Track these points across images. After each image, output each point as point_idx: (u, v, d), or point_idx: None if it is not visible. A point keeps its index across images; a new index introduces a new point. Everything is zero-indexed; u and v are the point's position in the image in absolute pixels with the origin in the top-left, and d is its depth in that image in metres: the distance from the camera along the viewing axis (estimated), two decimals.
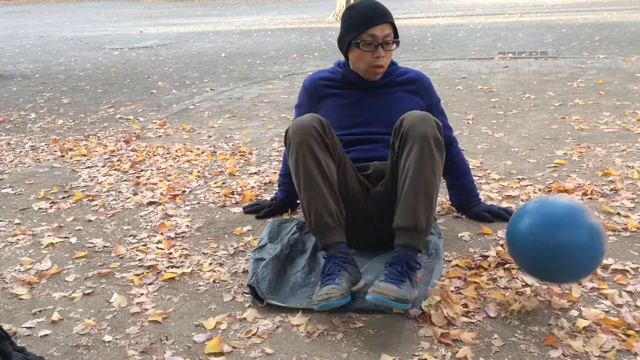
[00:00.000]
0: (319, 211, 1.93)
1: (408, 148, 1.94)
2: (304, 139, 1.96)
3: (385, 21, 2.16)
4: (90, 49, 10.13)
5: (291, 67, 7.24)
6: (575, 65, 6.21)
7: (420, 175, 1.90)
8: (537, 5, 15.43)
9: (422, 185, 1.90)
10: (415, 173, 1.90)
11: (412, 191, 1.90)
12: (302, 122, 1.98)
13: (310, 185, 1.94)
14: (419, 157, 1.91)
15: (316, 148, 1.96)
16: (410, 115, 1.97)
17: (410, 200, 1.89)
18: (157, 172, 3.36)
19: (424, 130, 1.92)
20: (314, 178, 1.94)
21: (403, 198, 1.92)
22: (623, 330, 1.71)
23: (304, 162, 1.95)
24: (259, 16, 16.30)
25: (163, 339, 1.79)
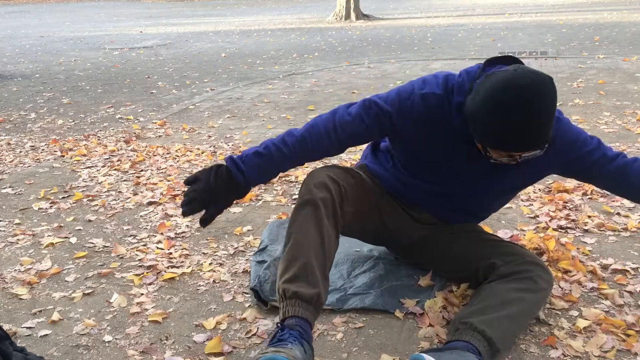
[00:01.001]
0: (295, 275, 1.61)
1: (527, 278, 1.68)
2: (315, 197, 1.66)
3: (535, 148, 1.53)
4: (90, 49, 10.13)
5: (291, 67, 7.24)
6: (575, 65, 6.21)
7: (526, 305, 1.63)
8: (537, 5, 15.43)
9: (524, 315, 1.63)
10: (524, 297, 1.63)
11: (513, 308, 1.60)
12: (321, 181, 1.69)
13: (298, 244, 1.64)
14: (535, 294, 1.66)
15: (322, 213, 1.66)
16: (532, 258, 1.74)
17: (511, 321, 1.59)
18: (157, 172, 3.36)
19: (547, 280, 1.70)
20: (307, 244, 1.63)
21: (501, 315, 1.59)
22: (623, 330, 1.71)
23: (302, 222, 1.65)
24: (259, 16, 16.30)
25: (163, 339, 1.79)
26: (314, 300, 1.58)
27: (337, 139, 1.74)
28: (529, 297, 1.65)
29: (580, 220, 2.44)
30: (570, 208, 2.58)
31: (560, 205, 2.59)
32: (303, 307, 1.56)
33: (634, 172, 1.71)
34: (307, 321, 1.56)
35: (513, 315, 1.61)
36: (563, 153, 1.72)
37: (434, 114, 1.69)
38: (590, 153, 1.73)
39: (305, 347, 1.49)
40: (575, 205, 2.59)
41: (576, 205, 2.60)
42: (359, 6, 14.31)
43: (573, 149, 1.72)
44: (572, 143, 1.72)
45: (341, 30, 11.68)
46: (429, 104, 1.69)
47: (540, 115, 1.47)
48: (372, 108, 1.73)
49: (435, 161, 1.77)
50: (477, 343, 1.54)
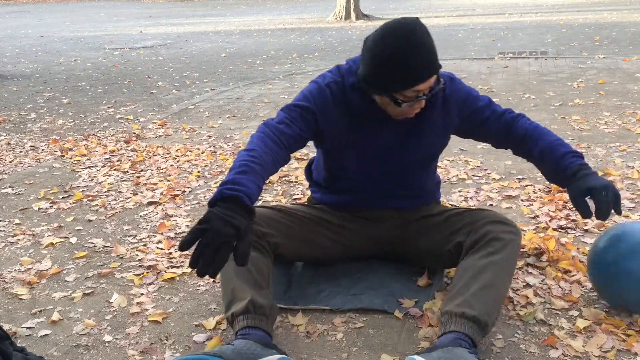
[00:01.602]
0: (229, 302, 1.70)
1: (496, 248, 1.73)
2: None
3: (434, 74, 1.69)
4: (90, 49, 10.13)
5: (291, 67, 7.24)
6: (575, 65, 6.21)
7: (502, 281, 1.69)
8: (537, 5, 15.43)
9: (502, 291, 1.68)
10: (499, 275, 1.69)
11: (494, 291, 1.66)
12: None
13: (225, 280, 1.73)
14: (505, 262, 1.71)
15: None
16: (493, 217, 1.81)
17: (490, 297, 1.64)
18: (157, 172, 3.36)
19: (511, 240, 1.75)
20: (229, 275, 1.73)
21: (478, 289, 1.65)
22: (623, 330, 1.71)
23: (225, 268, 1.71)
24: (259, 16, 16.30)
25: (163, 339, 1.79)
26: (249, 308, 1.65)
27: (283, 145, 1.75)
28: (497, 257, 1.71)
29: (580, 220, 2.44)
30: (570, 208, 2.58)
31: (560, 205, 2.59)
32: (241, 320, 1.65)
33: (515, 127, 1.90)
34: (248, 327, 1.63)
35: (488, 282, 1.66)
36: (459, 108, 1.89)
37: (339, 100, 1.84)
38: (482, 109, 1.91)
39: (236, 343, 1.56)
40: None
41: None
42: (359, 6, 14.31)
43: (467, 104, 1.90)
44: (465, 98, 1.90)
45: (341, 30, 11.68)
46: (334, 91, 1.84)
47: (424, 44, 1.65)
48: (293, 111, 1.82)
49: (357, 146, 1.87)
50: (462, 328, 1.58)
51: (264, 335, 1.62)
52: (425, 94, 1.71)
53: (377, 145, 1.88)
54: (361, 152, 1.89)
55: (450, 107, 1.88)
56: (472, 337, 1.57)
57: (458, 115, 1.90)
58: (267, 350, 1.56)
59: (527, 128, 1.90)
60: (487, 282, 1.66)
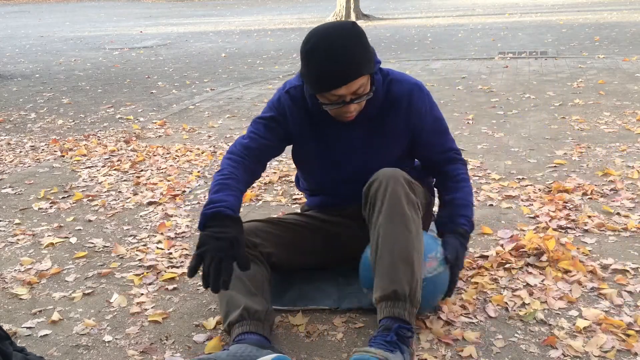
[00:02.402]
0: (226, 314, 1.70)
1: (377, 211, 1.70)
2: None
3: (352, 80, 1.66)
4: (90, 49, 10.13)
5: (291, 67, 7.24)
6: (575, 65, 6.21)
7: (392, 236, 1.65)
8: (537, 5, 15.43)
9: (396, 247, 1.64)
10: (387, 235, 1.66)
11: (387, 255, 1.64)
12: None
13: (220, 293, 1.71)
14: (390, 217, 1.67)
15: None
16: (376, 177, 1.75)
17: (385, 265, 1.63)
18: (157, 172, 3.36)
19: (392, 190, 1.69)
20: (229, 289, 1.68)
21: (377, 266, 1.66)
22: (623, 330, 1.71)
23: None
24: (259, 16, 16.31)
25: (163, 339, 1.79)
26: (244, 315, 1.66)
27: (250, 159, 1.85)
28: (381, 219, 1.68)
29: (580, 220, 2.44)
30: (570, 208, 2.58)
31: (560, 205, 2.59)
32: (237, 327, 1.65)
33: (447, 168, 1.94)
34: (243, 333, 1.63)
35: (382, 250, 1.65)
36: (417, 117, 1.87)
37: (299, 104, 1.87)
38: (434, 132, 1.91)
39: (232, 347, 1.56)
40: (575, 205, 2.59)
41: (576, 205, 2.60)
42: (359, 6, 14.31)
43: (424, 116, 1.88)
44: (425, 112, 1.88)
45: None
46: (294, 95, 1.88)
47: (344, 49, 1.63)
48: (258, 123, 1.90)
49: (320, 148, 1.91)
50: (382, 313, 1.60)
51: (259, 339, 1.62)
52: (350, 99, 1.70)
53: (339, 148, 1.90)
54: (325, 155, 1.92)
55: (411, 114, 1.87)
56: (393, 315, 1.58)
57: (414, 123, 1.88)
58: (263, 351, 1.56)
59: (457, 175, 1.93)
60: (382, 251, 1.65)
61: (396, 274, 1.61)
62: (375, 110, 1.86)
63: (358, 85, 1.69)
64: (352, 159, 1.92)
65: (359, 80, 1.68)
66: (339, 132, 1.88)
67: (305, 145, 1.92)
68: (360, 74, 1.67)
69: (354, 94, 1.71)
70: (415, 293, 1.62)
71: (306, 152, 1.94)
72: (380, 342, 1.54)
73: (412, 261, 1.64)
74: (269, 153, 1.89)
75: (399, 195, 1.68)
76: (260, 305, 1.69)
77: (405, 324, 1.58)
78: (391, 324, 1.58)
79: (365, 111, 1.84)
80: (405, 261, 1.63)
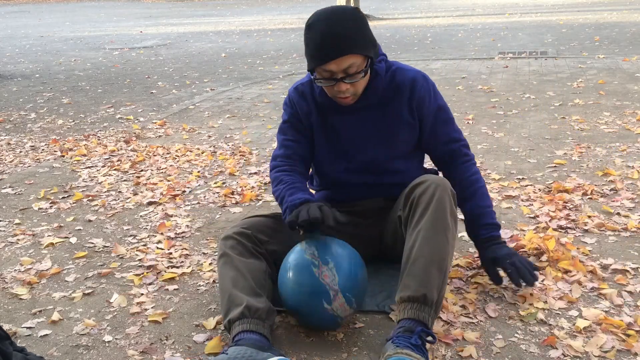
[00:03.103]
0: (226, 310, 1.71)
1: (419, 214, 1.71)
2: (224, 250, 1.82)
3: (342, 55, 1.73)
4: (90, 49, 10.13)
5: (291, 67, 7.24)
6: (575, 65, 6.21)
7: (432, 243, 1.66)
8: (537, 5, 15.43)
9: (434, 253, 1.64)
10: (427, 240, 1.66)
11: (422, 259, 1.64)
12: (226, 234, 1.86)
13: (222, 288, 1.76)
14: (434, 225, 1.67)
15: (234, 257, 1.79)
16: (425, 180, 1.77)
17: (419, 268, 1.63)
18: (157, 172, 3.36)
19: (439, 199, 1.70)
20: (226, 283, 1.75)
21: (410, 267, 1.66)
22: (623, 330, 1.71)
23: (220, 272, 1.79)
24: (259, 16, 16.30)
25: (163, 339, 1.79)
26: (245, 313, 1.66)
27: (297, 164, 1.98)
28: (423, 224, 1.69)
29: (580, 220, 2.44)
30: (570, 208, 2.58)
31: (560, 205, 2.59)
32: (237, 325, 1.65)
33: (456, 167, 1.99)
34: (243, 331, 1.63)
35: (419, 254, 1.66)
36: (417, 106, 1.92)
37: (308, 97, 1.96)
38: (439, 119, 1.97)
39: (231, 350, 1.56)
40: (575, 205, 2.59)
41: (576, 205, 2.60)
42: (359, 6, 14.31)
43: (427, 103, 1.93)
44: (429, 99, 1.94)
45: None
46: (302, 90, 1.98)
47: (336, 24, 1.72)
48: (284, 128, 2.01)
49: (327, 138, 1.97)
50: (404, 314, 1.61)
51: (259, 339, 1.62)
52: (341, 77, 1.77)
53: (346, 137, 1.96)
54: (333, 145, 1.98)
55: (415, 101, 1.92)
56: (417, 318, 1.59)
57: (418, 110, 1.94)
58: (262, 353, 1.55)
59: (466, 179, 1.98)
60: (418, 254, 1.66)
61: (429, 279, 1.62)
62: (378, 98, 1.91)
63: (349, 63, 1.74)
64: (359, 148, 1.96)
65: (350, 58, 1.73)
66: (345, 122, 1.94)
67: (315, 136, 1.99)
68: (351, 52, 1.73)
69: (344, 72, 1.76)
70: (441, 302, 1.64)
71: (316, 144, 2.00)
72: (406, 344, 1.53)
73: (445, 271, 1.65)
74: (307, 149, 2.00)
75: (445, 205, 1.70)
76: (261, 304, 1.69)
77: (427, 328, 1.59)
78: (413, 326, 1.58)
79: (369, 99, 1.90)
80: (439, 269, 1.64)
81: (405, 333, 1.56)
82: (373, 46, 1.81)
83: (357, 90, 1.84)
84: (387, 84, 1.92)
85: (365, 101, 1.90)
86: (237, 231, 1.87)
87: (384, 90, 1.91)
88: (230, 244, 1.84)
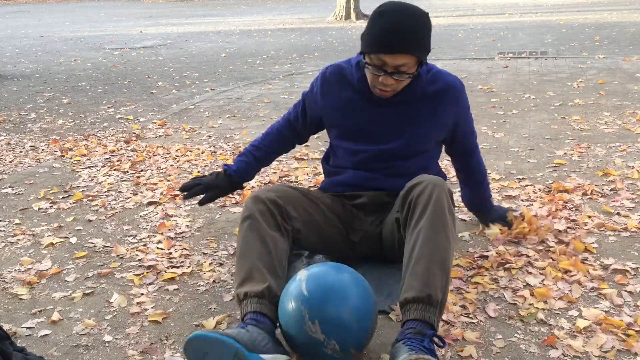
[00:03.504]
0: (243, 279, 1.71)
1: (418, 215, 1.72)
2: (252, 211, 1.81)
3: (401, 52, 1.79)
4: (90, 49, 10.13)
5: (291, 67, 7.24)
6: (575, 65, 6.21)
7: (433, 242, 1.66)
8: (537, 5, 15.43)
9: (436, 254, 1.64)
10: (427, 240, 1.66)
11: (424, 260, 1.63)
12: (256, 195, 1.85)
13: (243, 257, 1.75)
14: (433, 224, 1.68)
15: (262, 222, 1.80)
16: (421, 181, 1.78)
17: (422, 269, 1.62)
18: (157, 172, 3.36)
19: (437, 198, 1.71)
20: (250, 251, 1.75)
21: (412, 268, 1.64)
22: (623, 330, 1.71)
23: (245, 235, 1.79)
24: (259, 16, 16.30)
25: (163, 339, 1.79)
26: (265, 293, 1.65)
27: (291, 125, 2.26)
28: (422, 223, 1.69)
29: (580, 220, 2.44)
30: (570, 208, 2.58)
31: (560, 205, 2.59)
32: (255, 302, 1.65)
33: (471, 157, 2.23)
34: (260, 313, 1.63)
35: (421, 254, 1.64)
36: (455, 107, 2.05)
37: (340, 77, 2.06)
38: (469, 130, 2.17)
39: (251, 330, 1.54)
40: (575, 205, 2.59)
41: (576, 205, 2.60)
42: (359, 6, 14.31)
43: (461, 113, 2.08)
44: (467, 106, 2.10)
45: (341, 30, 11.68)
46: (333, 71, 2.08)
47: (406, 21, 1.78)
48: (301, 99, 2.23)
49: (351, 120, 2.04)
50: (409, 315, 1.58)
51: (271, 327, 1.62)
52: (390, 71, 1.83)
53: (373, 125, 2.03)
54: (358, 128, 2.04)
55: (453, 108, 2.04)
56: (423, 319, 1.56)
57: (453, 115, 2.06)
58: (278, 347, 1.55)
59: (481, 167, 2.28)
60: (420, 255, 1.65)
61: (432, 280, 1.60)
62: (415, 97, 1.99)
63: (403, 62, 1.81)
64: (383, 138, 2.02)
65: (407, 57, 1.81)
66: (376, 111, 2.02)
67: (339, 114, 2.06)
68: (411, 52, 1.80)
69: (395, 68, 1.83)
70: (444, 302, 1.62)
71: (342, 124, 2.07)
72: (420, 347, 1.50)
73: (448, 270, 1.65)
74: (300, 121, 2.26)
75: (443, 204, 1.71)
76: (279, 290, 1.69)
77: (433, 330, 1.56)
78: (423, 328, 1.55)
79: (407, 95, 1.98)
80: (442, 269, 1.63)
81: (416, 335, 1.53)
82: (428, 52, 1.87)
83: (398, 88, 1.91)
84: (428, 83, 2.00)
85: (403, 97, 1.98)
86: (270, 197, 1.85)
87: (423, 90, 1.99)
88: (260, 209, 1.82)
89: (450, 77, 2.03)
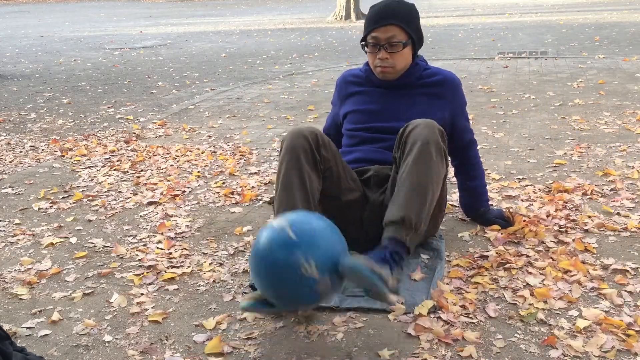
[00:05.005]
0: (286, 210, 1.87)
1: (407, 152, 1.92)
2: (294, 145, 1.94)
3: (388, 23, 2.11)
4: (90, 49, 10.13)
5: (291, 67, 7.24)
6: (575, 65, 6.21)
7: (414, 172, 1.87)
8: (537, 5, 15.43)
9: (415, 181, 1.86)
10: (410, 170, 1.88)
11: (405, 187, 1.87)
12: (298, 130, 1.98)
13: (285, 190, 1.91)
14: (417, 157, 1.88)
15: (302, 158, 1.93)
16: (413, 122, 1.97)
17: (401, 195, 1.87)
18: (157, 172, 3.36)
19: (425, 135, 1.90)
20: (291, 186, 1.91)
21: (394, 197, 1.90)
22: (623, 330, 1.71)
23: (286, 169, 1.93)
24: (259, 16, 16.30)
25: (163, 339, 1.79)
26: None
27: None
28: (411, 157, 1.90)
29: (580, 220, 2.44)
30: (570, 208, 2.58)
31: (560, 205, 2.59)
32: None
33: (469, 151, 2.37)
34: None
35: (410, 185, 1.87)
36: (452, 99, 2.27)
37: (356, 76, 2.36)
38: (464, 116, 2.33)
39: None
40: (575, 205, 2.59)
41: (576, 205, 2.60)
42: (359, 6, 14.31)
43: (458, 103, 2.29)
44: (464, 102, 2.32)
45: (341, 30, 11.68)
46: (350, 72, 2.39)
47: (392, 3, 2.14)
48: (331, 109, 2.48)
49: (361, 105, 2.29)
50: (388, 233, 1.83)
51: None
52: (382, 44, 2.13)
53: (381, 104, 2.27)
54: (367, 106, 2.28)
55: (449, 99, 2.27)
56: (395, 237, 1.82)
57: (450, 102, 2.27)
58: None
59: (476, 161, 2.40)
60: (401, 184, 1.89)
61: (408, 203, 1.84)
62: (416, 81, 2.25)
63: (392, 33, 2.12)
64: (390, 114, 2.24)
65: (394, 28, 2.12)
66: (383, 93, 2.28)
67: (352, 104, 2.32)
68: (395, 21, 2.11)
69: (387, 41, 2.13)
70: (421, 223, 1.85)
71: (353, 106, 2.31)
72: (378, 258, 1.76)
73: (426, 195, 1.86)
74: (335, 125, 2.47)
75: (428, 141, 1.89)
76: None
77: (404, 247, 1.81)
78: (389, 244, 1.82)
79: (410, 78, 2.24)
80: (419, 193, 1.85)
81: (380, 249, 1.80)
82: (416, 30, 2.16)
83: (396, 64, 2.18)
84: (427, 75, 2.26)
85: (406, 80, 2.24)
86: (312, 136, 1.96)
87: (423, 80, 2.25)
88: (302, 144, 1.93)
89: (448, 72, 2.29)
